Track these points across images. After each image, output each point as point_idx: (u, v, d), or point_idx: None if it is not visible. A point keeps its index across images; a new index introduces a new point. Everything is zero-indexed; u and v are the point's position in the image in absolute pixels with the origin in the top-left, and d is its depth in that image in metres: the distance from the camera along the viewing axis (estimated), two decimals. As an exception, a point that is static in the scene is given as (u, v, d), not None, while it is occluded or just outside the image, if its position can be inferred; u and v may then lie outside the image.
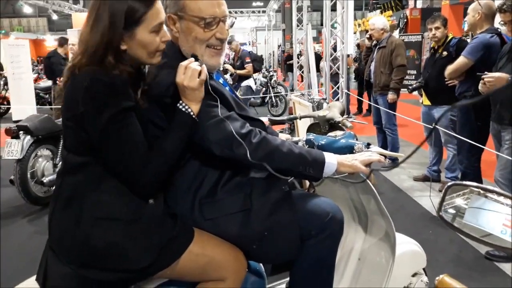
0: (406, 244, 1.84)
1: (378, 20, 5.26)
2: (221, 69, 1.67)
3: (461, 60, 3.46)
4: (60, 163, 1.43)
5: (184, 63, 1.29)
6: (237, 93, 1.67)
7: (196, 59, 1.33)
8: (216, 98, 1.36)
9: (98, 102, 1.18)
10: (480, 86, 2.90)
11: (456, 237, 3.06)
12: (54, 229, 1.28)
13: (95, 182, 1.25)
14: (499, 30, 3.42)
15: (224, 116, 1.34)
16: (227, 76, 9.49)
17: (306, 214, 1.45)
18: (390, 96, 4.95)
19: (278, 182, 1.44)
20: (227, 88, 1.51)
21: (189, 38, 1.39)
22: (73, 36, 6.03)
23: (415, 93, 4.90)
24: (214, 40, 1.40)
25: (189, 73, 1.28)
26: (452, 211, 0.80)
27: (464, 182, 0.80)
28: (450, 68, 3.56)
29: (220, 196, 1.40)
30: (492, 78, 2.78)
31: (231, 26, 1.48)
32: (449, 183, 0.83)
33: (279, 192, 1.44)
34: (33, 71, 11.14)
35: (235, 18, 1.51)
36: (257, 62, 9.29)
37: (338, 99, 6.52)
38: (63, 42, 7.53)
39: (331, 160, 1.41)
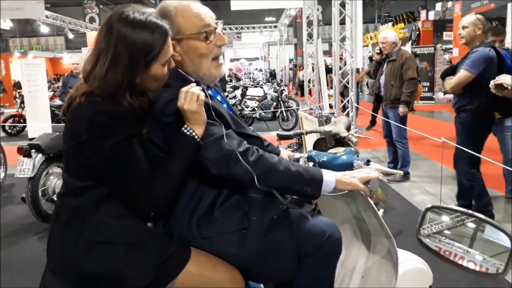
0: (410, 262, 1.80)
1: (389, 34, 5.26)
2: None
3: (463, 73, 3.45)
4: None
5: (184, 89, 1.32)
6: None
7: (198, 85, 1.36)
8: (213, 116, 1.38)
9: (101, 131, 1.20)
10: (493, 90, 2.91)
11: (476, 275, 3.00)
12: (53, 251, 1.29)
13: (95, 205, 1.27)
14: (491, 43, 3.52)
15: (221, 135, 1.35)
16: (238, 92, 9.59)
17: (303, 233, 1.44)
18: (401, 109, 4.92)
19: (276, 201, 1.44)
20: (224, 105, 1.52)
21: (193, 57, 1.42)
22: (75, 56, 6.19)
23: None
24: (217, 49, 1.44)
25: (189, 97, 1.30)
26: (430, 234, 0.79)
27: (442, 205, 0.78)
28: (452, 83, 3.55)
29: (217, 215, 1.40)
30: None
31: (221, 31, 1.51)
32: (427, 206, 0.82)
33: (276, 211, 1.43)
34: (49, 89, 11.39)
35: (222, 23, 1.53)
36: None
37: (348, 113, 6.50)
38: None
39: (329, 177, 1.40)
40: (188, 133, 1.31)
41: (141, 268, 1.26)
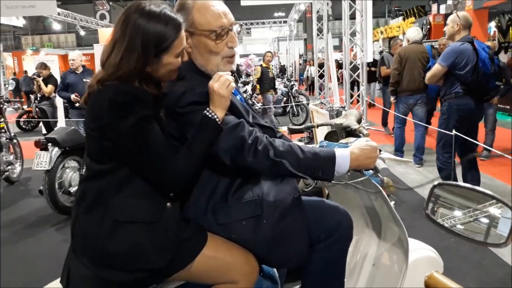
0: (421, 250, 1.83)
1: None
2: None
3: (435, 66, 3.91)
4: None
5: (220, 73, 1.39)
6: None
7: (232, 75, 1.43)
8: None
9: (122, 111, 1.25)
10: None
11: (478, 245, 3.02)
12: (77, 232, 1.35)
13: (117, 187, 1.32)
14: (472, 39, 3.86)
15: (233, 125, 1.38)
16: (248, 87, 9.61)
17: (315, 219, 1.48)
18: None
19: (288, 188, 1.48)
20: (237, 96, 1.56)
21: (203, 52, 1.45)
22: (72, 53, 6.45)
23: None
24: (227, 50, 1.47)
25: (222, 80, 1.36)
26: (438, 209, 0.83)
27: (451, 182, 0.82)
28: (428, 75, 4.05)
29: (232, 202, 1.44)
30: None
31: (238, 33, 1.55)
32: (435, 183, 0.86)
33: (288, 198, 1.47)
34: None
35: (241, 26, 1.57)
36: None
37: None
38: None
39: (343, 159, 1.38)
40: (210, 115, 1.35)
41: (161, 248, 1.31)
